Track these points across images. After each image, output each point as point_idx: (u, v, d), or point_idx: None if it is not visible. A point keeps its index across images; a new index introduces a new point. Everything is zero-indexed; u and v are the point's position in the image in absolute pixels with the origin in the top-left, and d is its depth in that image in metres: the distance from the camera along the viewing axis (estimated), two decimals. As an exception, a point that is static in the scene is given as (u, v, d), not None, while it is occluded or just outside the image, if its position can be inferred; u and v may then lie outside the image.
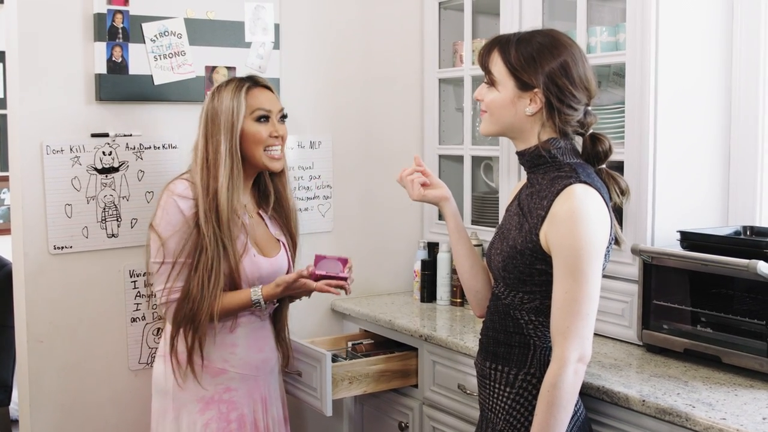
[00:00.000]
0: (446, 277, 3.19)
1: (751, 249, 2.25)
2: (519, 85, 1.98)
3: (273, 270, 2.49)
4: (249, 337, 2.50)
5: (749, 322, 2.23)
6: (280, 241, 2.57)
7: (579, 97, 1.98)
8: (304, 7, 3.18)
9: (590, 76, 2.00)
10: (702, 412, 1.97)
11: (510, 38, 2.02)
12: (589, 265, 1.88)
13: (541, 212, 1.94)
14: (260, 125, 2.43)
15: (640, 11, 2.50)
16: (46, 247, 2.71)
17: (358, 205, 3.36)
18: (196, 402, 2.45)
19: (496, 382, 2.04)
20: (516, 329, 2.01)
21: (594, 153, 2.03)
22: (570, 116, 1.98)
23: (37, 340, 2.72)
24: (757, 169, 2.63)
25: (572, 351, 1.87)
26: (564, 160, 1.99)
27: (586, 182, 1.92)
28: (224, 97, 2.41)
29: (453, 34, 3.36)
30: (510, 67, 1.98)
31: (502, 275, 2.03)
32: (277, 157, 2.46)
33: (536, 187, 2.01)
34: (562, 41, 1.99)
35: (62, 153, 2.71)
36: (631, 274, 2.54)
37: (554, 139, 2.00)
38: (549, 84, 1.95)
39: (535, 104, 1.98)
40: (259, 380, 2.53)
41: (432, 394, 2.80)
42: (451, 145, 3.36)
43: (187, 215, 2.37)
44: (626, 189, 2.05)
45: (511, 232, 2.03)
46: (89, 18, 2.74)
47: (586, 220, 1.88)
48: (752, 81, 2.63)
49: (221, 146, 2.38)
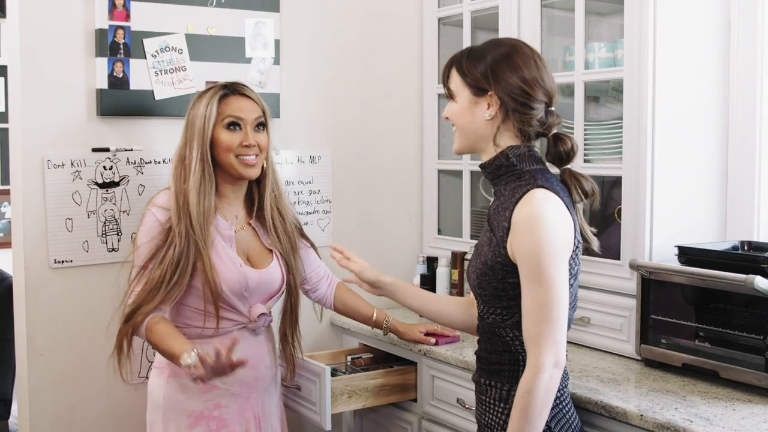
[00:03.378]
0: (445, 292, 3.19)
1: (748, 264, 2.26)
2: (474, 91, 2.02)
3: (262, 282, 2.46)
4: (239, 353, 2.39)
5: (747, 337, 2.24)
6: (272, 252, 2.54)
7: (536, 95, 1.99)
8: (305, 23, 3.20)
9: (545, 75, 2.01)
10: (700, 427, 1.97)
11: (463, 53, 2.08)
12: (553, 269, 1.88)
13: (505, 224, 1.95)
14: (231, 133, 2.41)
15: (637, 27, 2.52)
16: (47, 261, 2.72)
17: (358, 220, 3.38)
18: (185, 417, 2.42)
19: (491, 398, 2.05)
20: (504, 347, 2.02)
21: (556, 153, 2.04)
22: (527, 115, 1.99)
23: (36, 353, 2.72)
24: (754, 184, 2.64)
25: (546, 357, 1.87)
26: (523, 167, 2.00)
27: (544, 186, 1.93)
28: (201, 103, 2.43)
29: (452, 50, 3.35)
30: (463, 77, 2.03)
31: (479, 292, 2.05)
32: (250, 163, 2.43)
33: (501, 200, 2.02)
34: (513, 46, 2.03)
35: (63, 167, 2.73)
36: (629, 289, 2.55)
37: (513, 146, 2.01)
38: (502, 84, 1.98)
39: (492, 107, 2.00)
40: (251, 398, 2.49)
41: (431, 408, 2.80)
42: (450, 160, 3.37)
43: (162, 221, 2.38)
44: (591, 191, 2.03)
45: (483, 249, 2.04)
46: (91, 33, 2.76)
47: (545, 224, 1.88)
48: (749, 96, 2.64)
49: (193, 151, 2.39)
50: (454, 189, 3.38)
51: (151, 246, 2.37)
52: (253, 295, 2.45)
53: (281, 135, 2.98)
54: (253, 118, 2.44)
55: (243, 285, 2.42)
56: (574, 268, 1.98)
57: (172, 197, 2.39)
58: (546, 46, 2.90)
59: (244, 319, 2.46)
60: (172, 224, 2.37)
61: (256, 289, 2.45)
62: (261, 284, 2.46)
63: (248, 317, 2.46)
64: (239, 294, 2.42)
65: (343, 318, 3.13)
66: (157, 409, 2.46)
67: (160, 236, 2.37)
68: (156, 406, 2.46)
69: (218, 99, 2.42)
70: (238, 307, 2.43)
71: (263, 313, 2.48)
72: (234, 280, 2.40)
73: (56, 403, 2.76)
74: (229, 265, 2.41)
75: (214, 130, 2.40)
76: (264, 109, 2.48)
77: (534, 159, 2.03)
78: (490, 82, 1.99)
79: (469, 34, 3.20)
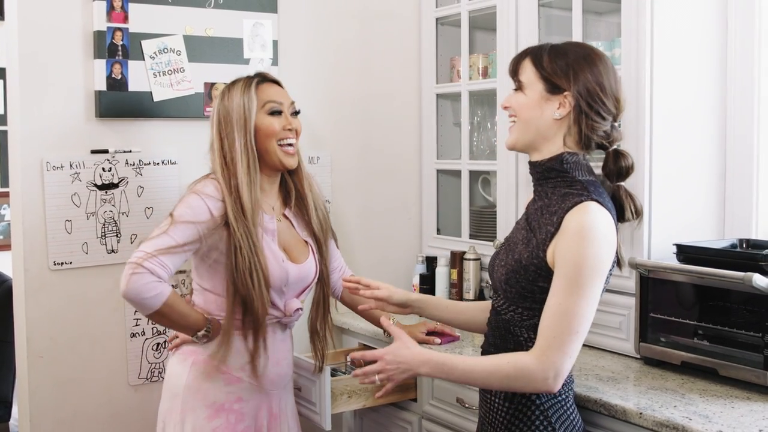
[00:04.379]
0: (444, 292, 3.20)
1: (746, 262, 2.26)
2: (548, 88, 1.95)
3: (300, 277, 2.44)
4: (269, 348, 2.42)
5: (746, 335, 2.24)
6: (308, 243, 2.51)
7: (608, 106, 1.95)
8: (303, 24, 3.20)
9: (620, 89, 1.98)
10: (699, 425, 1.98)
11: (543, 47, 2.01)
12: (590, 283, 1.85)
13: (551, 228, 1.91)
14: (273, 118, 2.39)
15: (635, 26, 2.52)
16: (46, 263, 2.72)
17: (357, 220, 3.38)
18: (205, 408, 2.37)
19: (495, 396, 2.04)
20: (516, 346, 1.99)
21: (617, 169, 1.99)
22: (597, 124, 1.95)
23: (37, 355, 2.72)
24: (752, 182, 2.64)
25: (550, 366, 1.85)
26: (575, 175, 1.97)
27: (598, 201, 1.90)
28: (234, 94, 2.38)
29: (450, 50, 3.39)
30: (541, 71, 1.96)
31: (504, 288, 2.01)
32: (291, 152, 2.42)
33: (545, 201, 1.98)
34: (596, 52, 1.98)
35: (62, 169, 2.73)
36: (628, 288, 2.56)
37: (570, 152, 1.97)
38: (580, 88, 1.93)
39: (563, 108, 1.95)
40: (272, 395, 2.48)
41: (431, 408, 2.81)
42: (449, 160, 3.38)
43: (216, 216, 2.30)
44: (641, 209, 2.02)
45: (517, 246, 2.01)
46: (89, 35, 2.76)
47: (595, 238, 1.85)
48: (747, 94, 2.64)
49: (236, 143, 2.34)
50: (453, 189, 3.38)
51: (192, 230, 2.26)
52: (290, 290, 2.43)
53: (280, 136, 2.98)
54: (289, 102, 2.45)
55: (284, 280, 2.39)
56: (604, 287, 1.95)
57: (226, 195, 2.30)
58: (544, 46, 2.90)
59: (280, 314, 2.43)
60: (228, 219, 2.28)
61: (294, 284, 2.43)
62: (299, 279, 2.44)
63: (283, 312, 2.44)
64: (279, 289, 2.39)
65: (342, 318, 3.13)
66: (175, 397, 2.40)
67: (207, 229, 2.28)
68: (174, 394, 2.40)
69: (255, 86, 2.40)
70: (275, 302, 2.40)
71: (299, 308, 2.46)
72: (276, 276, 2.36)
73: (57, 404, 2.76)
74: (272, 260, 2.37)
75: (256, 118, 2.37)
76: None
77: (587, 169, 1.99)
78: (570, 81, 1.93)
79: (467, 34, 3.21)
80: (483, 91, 3.19)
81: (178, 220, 2.26)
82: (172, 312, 2.26)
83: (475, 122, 3.26)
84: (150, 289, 2.19)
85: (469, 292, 3.11)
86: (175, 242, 2.24)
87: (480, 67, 3.19)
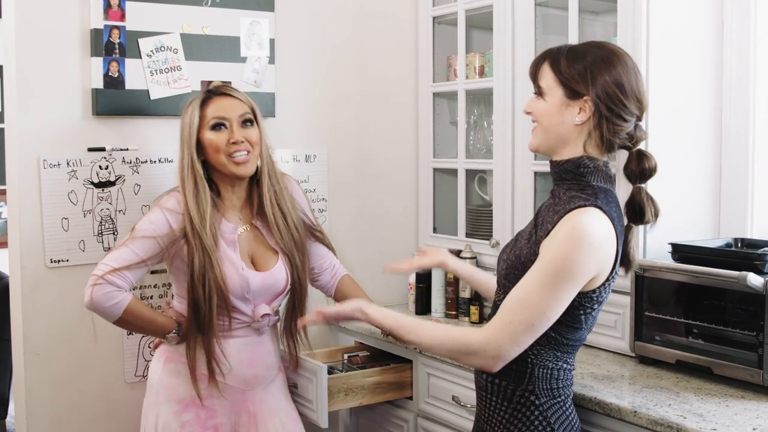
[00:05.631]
0: (441, 290, 3.20)
1: (741, 261, 2.27)
2: (568, 93, 1.93)
3: (266, 285, 2.48)
4: (242, 350, 2.49)
5: (740, 334, 2.25)
6: (277, 252, 2.54)
7: (630, 107, 1.92)
8: (300, 23, 3.20)
9: (642, 88, 1.95)
10: (693, 423, 1.99)
11: (561, 49, 1.98)
12: (562, 285, 1.83)
13: (550, 226, 1.90)
14: (217, 133, 2.43)
15: (630, 26, 2.53)
16: (43, 261, 2.73)
17: (354, 218, 3.38)
18: (175, 402, 2.46)
19: (494, 396, 2.03)
20: None
21: (639, 170, 1.96)
22: (619, 127, 1.92)
23: (33, 352, 2.73)
24: (747, 181, 2.65)
25: (494, 347, 1.86)
26: (590, 181, 1.94)
27: (602, 208, 1.88)
28: (187, 111, 2.46)
29: (447, 49, 3.39)
30: (559, 77, 1.94)
31: (504, 282, 2.02)
32: (242, 161, 2.43)
33: (555, 200, 1.98)
34: (615, 52, 1.95)
35: (59, 167, 2.73)
36: (623, 286, 2.56)
37: (590, 157, 1.95)
38: (600, 92, 1.90)
39: (584, 113, 1.92)
40: (246, 394, 2.52)
41: (426, 406, 2.82)
42: (446, 159, 3.38)
43: (176, 228, 2.39)
44: (659, 212, 2.01)
45: (521, 241, 2.01)
46: (86, 33, 2.76)
47: (583, 242, 1.82)
48: (743, 94, 2.65)
49: (184, 159, 2.43)
50: (449, 187, 3.39)
51: (151, 243, 2.38)
52: (257, 297, 2.47)
53: (276, 134, 2.98)
54: (237, 115, 2.45)
55: (244, 288, 2.44)
56: (602, 296, 1.94)
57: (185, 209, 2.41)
58: (540, 45, 2.91)
59: (248, 319, 2.49)
60: (186, 233, 2.38)
61: (260, 291, 2.47)
62: (264, 286, 2.48)
63: (252, 317, 2.48)
64: (241, 296, 2.44)
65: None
66: (151, 391, 2.52)
67: (166, 242, 2.39)
68: (151, 388, 2.52)
69: (199, 104, 2.45)
70: (240, 308, 2.46)
71: (266, 314, 2.50)
72: (235, 283, 2.42)
73: (53, 402, 2.76)
74: (230, 268, 2.42)
75: (200, 134, 2.43)
76: (251, 105, 2.49)
77: (605, 177, 1.96)
78: (588, 86, 1.90)
79: (464, 33, 3.21)
80: (479, 90, 3.19)
81: (137, 235, 2.39)
82: (136, 319, 2.40)
83: (472, 121, 3.27)
84: (110, 299, 2.33)
85: (465, 291, 3.12)
86: (135, 255, 2.37)
87: (476, 66, 3.19)
